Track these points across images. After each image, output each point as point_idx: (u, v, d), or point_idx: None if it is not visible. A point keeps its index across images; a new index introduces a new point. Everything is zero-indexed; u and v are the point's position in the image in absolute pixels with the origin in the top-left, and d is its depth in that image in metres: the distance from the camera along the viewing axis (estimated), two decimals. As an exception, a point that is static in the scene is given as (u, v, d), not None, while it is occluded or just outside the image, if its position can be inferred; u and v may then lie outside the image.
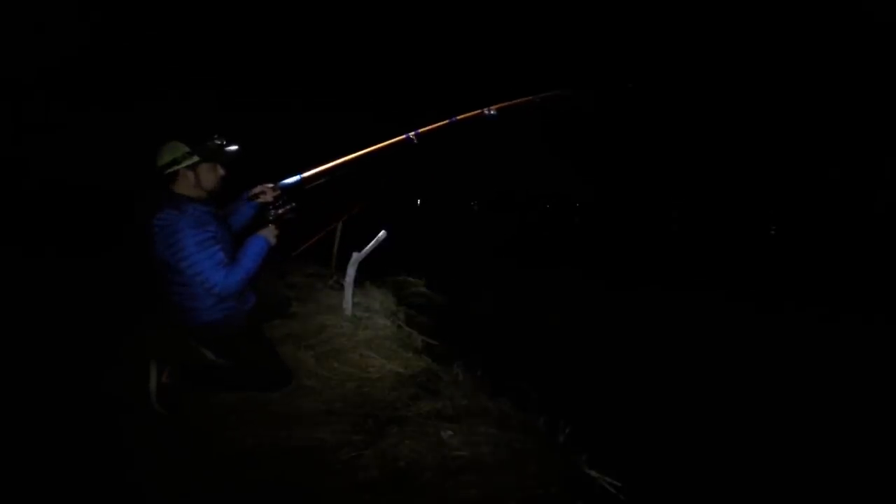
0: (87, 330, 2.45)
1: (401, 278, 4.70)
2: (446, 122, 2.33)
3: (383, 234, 2.90)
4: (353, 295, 3.05)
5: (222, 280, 1.74)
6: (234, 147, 1.89)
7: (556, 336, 4.04)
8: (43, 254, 4.14)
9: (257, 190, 2.08)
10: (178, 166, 1.80)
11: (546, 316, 4.67)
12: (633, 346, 3.84)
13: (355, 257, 2.95)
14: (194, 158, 1.81)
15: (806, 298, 5.99)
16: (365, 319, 2.99)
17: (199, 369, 2.00)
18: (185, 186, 1.83)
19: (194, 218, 1.75)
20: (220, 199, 1.98)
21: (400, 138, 2.25)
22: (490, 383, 2.43)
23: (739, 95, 24.20)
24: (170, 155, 1.80)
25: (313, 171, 2.12)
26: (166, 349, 2.14)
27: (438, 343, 3.06)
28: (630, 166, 26.04)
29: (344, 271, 3.04)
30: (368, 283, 3.90)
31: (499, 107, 2.41)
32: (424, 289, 4.68)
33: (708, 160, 23.44)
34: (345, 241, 3.91)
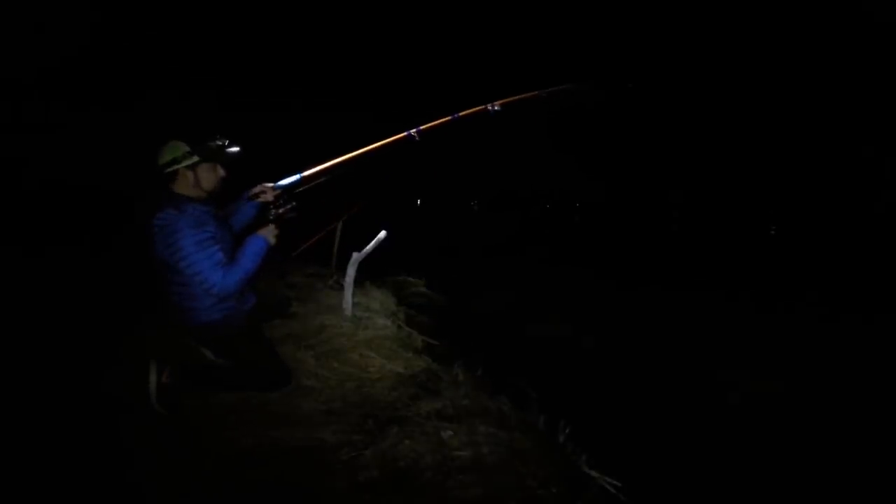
0: (87, 330, 2.45)
1: (401, 278, 4.71)
2: (449, 118, 2.27)
3: (383, 234, 2.90)
4: (353, 295, 3.05)
5: (220, 280, 1.74)
6: (235, 148, 1.88)
7: (556, 336, 4.05)
8: (43, 254, 4.14)
9: (257, 189, 2.07)
10: (177, 165, 1.80)
11: (546, 316, 4.67)
12: (633, 346, 3.84)
13: (355, 257, 2.95)
14: (194, 158, 1.81)
15: (806, 298, 5.99)
16: (365, 319, 2.98)
17: (198, 369, 2.00)
18: (184, 186, 1.83)
19: (194, 218, 1.75)
20: (221, 199, 1.97)
21: (401, 135, 2.21)
22: (490, 383, 2.43)
23: (740, 95, 24.25)
24: (170, 154, 1.80)
25: (313, 169, 2.10)
26: (166, 349, 2.14)
27: (438, 343, 3.06)
28: (631, 166, 26.10)
29: (344, 271, 3.03)
30: (368, 283, 3.89)
31: (502, 102, 2.33)
32: (424, 289, 4.68)
33: (708, 160, 23.49)
34: (345, 241, 3.90)
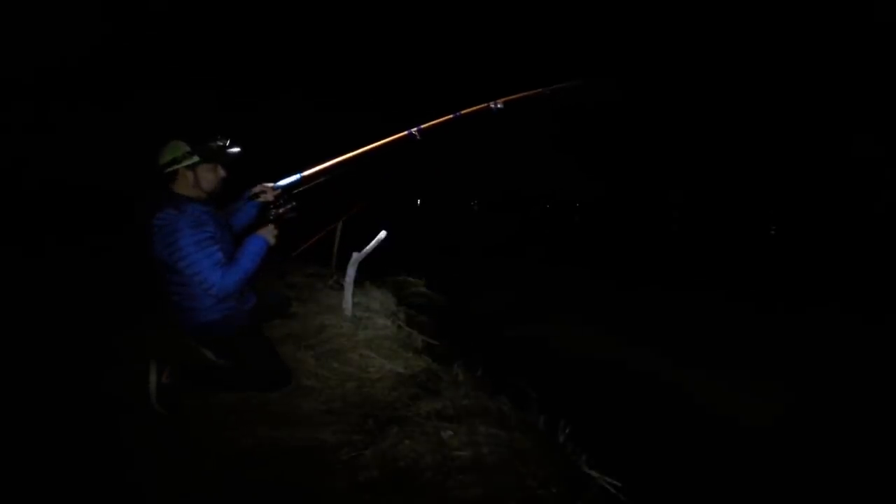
0: (87, 330, 2.45)
1: (401, 278, 4.71)
2: (450, 116, 2.25)
3: (383, 234, 2.90)
4: (353, 295, 3.05)
5: (220, 280, 1.74)
6: (235, 149, 1.87)
7: (557, 336, 4.05)
8: (43, 254, 4.14)
9: (257, 189, 2.08)
10: (177, 165, 1.80)
11: (546, 316, 4.68)
12: (633, 346, 3.84)
13: (355, 257, 2.94)
14: (194, 158, 1.81)
15: (806, 298, 5.99)
16: (365, 319, 2.98)
17: (198, 369, 2.00)
18: (184, 186, 1.83)
19: (193, 218, 1.75)
20: (221, 199, 1.97)
21: (402, 134, 2.19)
22: (490, 383, 2.43)
23: (740, 95, 24.25)
24: (170, 154, 1.80)
25: (313, 169, 2.10)
26: (166, 349, 2.13)
27: (438, 343, 3.06)
28: (631, 166, 26.12)
29: (344, 271, 3.03)
30: (368, 283, 3.89)
31: (505, 100, 2.30)
32: (424, 289, 4.68)
33: (708, 160, 23.50)
34: (345, 241, 3.91)
